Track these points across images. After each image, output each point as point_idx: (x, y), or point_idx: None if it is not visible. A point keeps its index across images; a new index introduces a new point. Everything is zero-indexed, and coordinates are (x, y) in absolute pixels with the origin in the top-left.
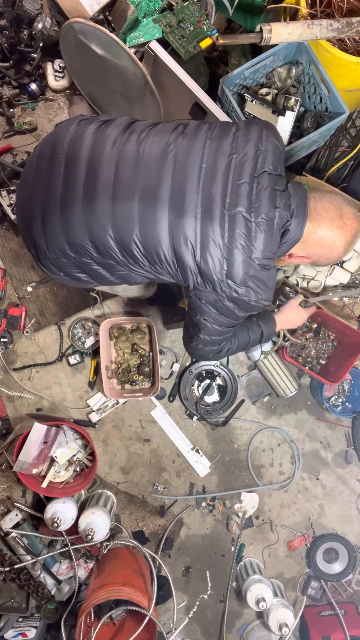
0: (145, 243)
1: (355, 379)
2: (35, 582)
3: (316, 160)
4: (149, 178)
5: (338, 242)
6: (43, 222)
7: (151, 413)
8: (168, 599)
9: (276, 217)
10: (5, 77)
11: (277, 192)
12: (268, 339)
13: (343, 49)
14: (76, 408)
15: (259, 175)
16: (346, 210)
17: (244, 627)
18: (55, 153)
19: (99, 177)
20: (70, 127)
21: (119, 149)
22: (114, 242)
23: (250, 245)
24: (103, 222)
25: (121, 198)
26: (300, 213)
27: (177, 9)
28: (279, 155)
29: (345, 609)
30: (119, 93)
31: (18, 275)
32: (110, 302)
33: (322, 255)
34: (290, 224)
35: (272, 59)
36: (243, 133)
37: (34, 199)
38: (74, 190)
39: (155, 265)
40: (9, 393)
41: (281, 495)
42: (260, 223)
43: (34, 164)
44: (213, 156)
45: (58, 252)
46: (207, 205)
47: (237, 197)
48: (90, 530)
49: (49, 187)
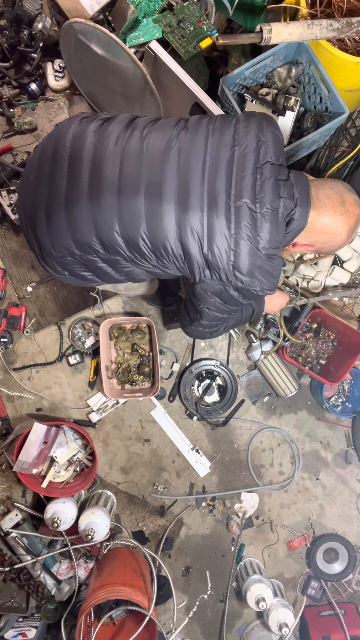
0: (152, 238)
1: (355, 379)
2: (35, 582)
3: (316, 160)
4: (153, 173)
5: (341, 228)
6: (48, 221)
7: (151, 413)
8: (168, 599)
9: (280, 207)
10: (5, 77)
11: (280, 182)
12: (257, 316)
13: (343, 49)
14: (76, 408)
15: (261, 166)
16: (348, 196)
17: (244, 627)
18: (58, 152)
19: (103, 174)
20: (71, 125)
21: (122, 145)
22: (120, 238)
23: (256, 236)
24: (109, 218)
25: (127, 194)
26: (304, 202)
27: (177, 9)
28: (280, 145)
29: (345, 609)
30: (119, 93)
31: (18, 275)
32: (110, 302)
33: (325, 242)
34: (294, 212)
35: (272, 59)
36: (243, 125)
37: (37, 198)
38: (79, 188)
39: (162, 259)
40: (9, 393)
41: (281, 495)
42: (265, 213)
43: (36, 163)
44: (216, 149)
45: (64, 250)
46: (213, 197)
47: (242, 189)
48: (90, 530)
49: (52, 186)
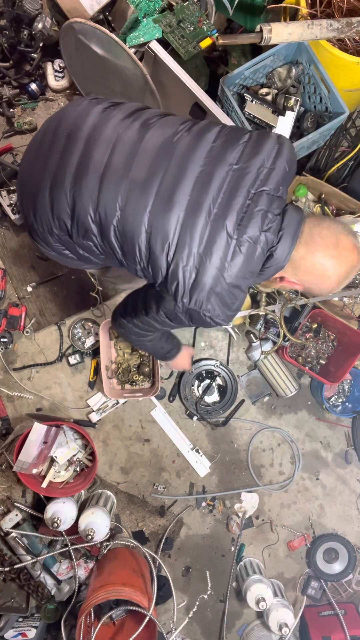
0: (123, 231)
1: (355, 379)
2: (35, 582)
3: (316, 160)
4: (141, 169)
5: (330, 272)
6: (36, 195)
7: (151, 413)
8: (168, 599)
9: (261, 241)
10: (5, 77)
11: (268, 215)
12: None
13: (343, 49)
14: (76, 408)
15: (256, 193)
16: (344, 239)
17: (244, 627)
18: (59, 127)
19: (92, 157)
20: (81, 104)
21: (118, 132)
22: (93, 225)
23: (224, 262)
24: (86, 202)
25: (108, 182)
26: (288, 239)
27: (177, 9)
28: (286, 176)
29: (345, 609)
30: (119, 93)
31: (18, 275)
32: (110, 302)
33: (313, 284)
34: (275, 249)
35: (272, 59)
36: (253, 145)
37: (33, 171)
38: (67, 166)
39: (128, 255)
40: (9, 393)
41: (281, 495)
42: (242, 242)
43: (40, 136)
44: (213, 162)
45: (45, 226)
46: (193, 210)
47: (226, 210)
48: (90, 530)
49: (47, 161)
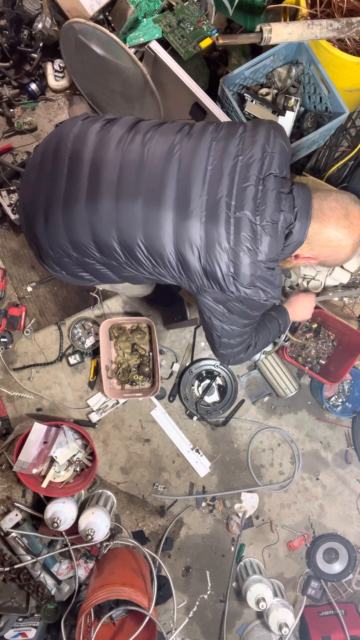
0: (149, 246)
1: (355, 379)
2: (35, 582)
3: (316, 160)
4: (153, 180)
5: (344, 242)
6: (46, 221)
7: (151, 413)
8: (168, 599)
9: (280, 220)
10: (5, 77)
11: (282, 195)
12: (285, 330)
13: (343, 49)
14: (76, 408)
15: (264, 178)
16: (353, 209)
17: (244, 627)
18: (59, 151)
19: (102, 177)
20: (74, 125)
21: (123, 149)
22: (117, 244)
23: (256, 248)
24: (106, 223)
25: (124, 200)
26: (303, 215)
27: (177, 9)
28: (286, 157)
29: (345, 609)
30: (119, 93)
31: (18, 275)
32: (110, 302)
33: (328, 256)
34: (293, 226)
35: (272, 59)
36: (250, 134)
37: (37, 197)
38: (77, 189)
39: (158, 267)
40: (9, 393)
41: (281, 495)
42: (265, 226)
43: (37, 162)
44: (219, 158)
45: (60, 251)
46: (212, 208)
47: (243, 200)
48: (90, 530)
49: (52, 186)
